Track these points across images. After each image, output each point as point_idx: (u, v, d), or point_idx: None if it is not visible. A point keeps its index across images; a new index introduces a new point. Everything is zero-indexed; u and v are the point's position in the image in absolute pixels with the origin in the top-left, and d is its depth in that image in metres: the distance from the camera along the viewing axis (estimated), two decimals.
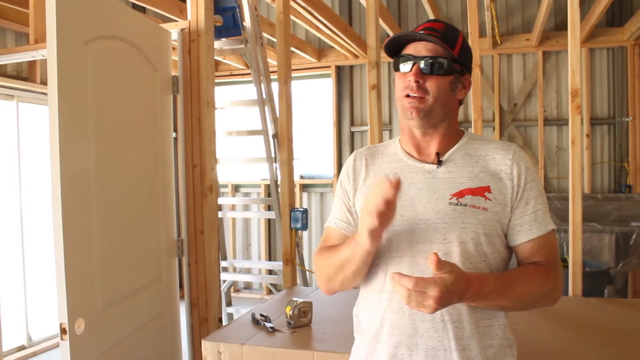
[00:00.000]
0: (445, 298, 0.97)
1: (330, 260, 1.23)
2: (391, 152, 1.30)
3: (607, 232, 4.00)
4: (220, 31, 3.38)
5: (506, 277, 1.15)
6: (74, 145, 1.86)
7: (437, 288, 0.96)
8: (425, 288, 0.96)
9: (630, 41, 4.78)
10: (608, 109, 5.10)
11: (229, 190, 6.18)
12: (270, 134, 3.43)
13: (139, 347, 2.26)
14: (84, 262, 1.88)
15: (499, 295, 1.10)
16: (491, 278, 1.11)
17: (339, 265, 1.20)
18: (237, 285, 6.23)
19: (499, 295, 1.10)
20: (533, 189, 1.19)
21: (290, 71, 2.99)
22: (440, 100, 1.18)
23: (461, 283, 1.00)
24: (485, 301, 1.09)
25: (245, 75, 5.92)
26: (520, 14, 5.28)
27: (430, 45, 1.18)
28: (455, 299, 1.01)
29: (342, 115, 5.84)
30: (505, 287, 1.11)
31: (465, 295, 1.02)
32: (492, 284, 1.09)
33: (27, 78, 4.23)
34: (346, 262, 1.18)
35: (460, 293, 1.01)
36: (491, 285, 1.08)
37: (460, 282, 0.99)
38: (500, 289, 1.10)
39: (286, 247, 2.95)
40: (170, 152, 2.61)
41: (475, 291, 1.04)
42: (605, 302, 2.47)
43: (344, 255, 1.17)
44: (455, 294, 0.99)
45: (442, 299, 0.97)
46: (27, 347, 4.20)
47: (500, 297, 1.10)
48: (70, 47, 1.83)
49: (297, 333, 1.92)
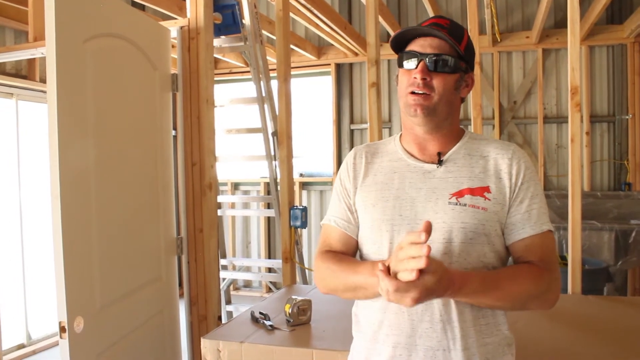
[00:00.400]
0: (424, 298, 0.97)
1: (342, 275, 1.21)
2: (391, 150, 1.29)
3: (607, 230, 4.00)
4: (220, 29, 3.38)
5: (493, 277, 1.13)
6: (73, 144, 1.85)
7: (417, 290, 0.95)
8: (406, 291, 0.96)
9: (630, 39, 4.77)
10: (608, 107, 5.09)
11: (229, 188, 6.18)
12: (269, 131, 3.43)
13: (138, 346, 2.26)
14: (83, 260, 1.87)
15: (483, 295, 1.09)
16: (476, 278, 1.09)
17: (352, 287, 1.19)
18: (236, 284, 6.24)
19: (482, 295, 1.09)
20: (530, 188, 1.18)
21: (289, 69, 2.99)
22: (445, 98, 1.17)
23: (442, 283, 0.99)
24: (467, 299, 1.09)
25: (245, 73, 5.92)
26: (520, 12, 5.28)
27: (436, 42, 1.17)
28: (434, 296, 1.01)
29: (342, 113, 5.83)
30: (490, 287, 1.10)
31: (444, 293, 1.02)
32: (475, 285, 1.07)
33: (27, 76, 4.22)
34: (360, 288, 1.17)
35: (440, 292, 1.00)
36: (474, 285, 1.07)
37: (442, 282, 0.98)
38: (483, 289, 1.09)
39: (285, 245, 2.95)
40: (170, 150, 2.60)
41: (457, 289, 1.04)
42: (604, 300, 2.47)
43: (360, 282, 1.16)
44: (435, 292, 0.99)
45: (421, 299, 0.97)
46: (27, 346, 4.20)
47: (484, 296, 1.10)
48: (69, 45, 1.83)
49: (296, 331, 1.93)
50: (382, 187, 1.23)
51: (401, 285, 0.95)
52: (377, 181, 1.25)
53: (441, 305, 1.12)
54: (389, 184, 1.23)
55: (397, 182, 1.22)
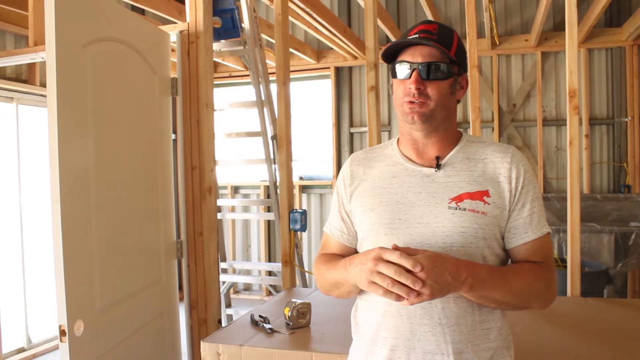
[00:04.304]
0: (436, 287, 0.98)
1: (327, 274, 1.26)
2: (389, 155, 1.30)
3: (606, 232, 4.01)
4: (219, 33, 3.39)
5: (500, 270, 1.15)
6: (73, 148, 1.86)
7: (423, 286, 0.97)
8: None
9: (629, 41, 4.78)
10: (607, 109, 5.10)
11: (229, 191, 6.19)
12: (269, 135, 3.43)
13: (138, 349, 2.26)
14: (83, 263, 1.88)
15: (491, 288, 1.09)
16: (483, 268, 1.10)
17: (334, 284, 1.24)
18: (236, 287, 6.24)
19: (490, 287, 1.09)
20: (530, 192, 1.19)
21: (288, 72, 3.00)
22: (441, 104, 1.18)
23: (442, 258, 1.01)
24: (476, 293, 1.08)
25: (244, 77, 5.94)
26: (519, 15, 5.29)
27: (426, 49, 1.17)
28: (448, 275, 1.00)
29: (342, 117, 5.84)
30: (498, 278, 1.11)
31: (456, 279, 1.02)
32: (484, 274, 1.08)
33: (27, 80, 4.23)
34: (339, 284, 1.22)
35: (449, 277, 1.01)
36: (482, 274, 1.08)
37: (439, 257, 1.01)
38: (492, 279, 1.09)
39: (285, 249, 2.95)
40: (170, 154, 2.61)
41: (468, 275, 1.04)
42: (604, 303, 2.47)
43: (337, 277, 1.21)
44: (444, 278, 0.99)
45: (433, 290, 0.98)
46: (27, 349, 4.20)
47: (492, 289, 1.09)
48: (69, 49, 1.84)
49: (296, 334, 1.93)
50: (381, 192, 1.23)
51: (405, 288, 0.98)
52: (375, 186, 1.25)
53: (440, 309, 1.12)
54: (387, 188, 1.23)
55: (396, 187, 1.22)
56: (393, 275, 0.98)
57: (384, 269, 0.99)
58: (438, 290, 0.99)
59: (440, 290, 1.00)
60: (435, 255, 1.01)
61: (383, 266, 0.99)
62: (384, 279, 0.99)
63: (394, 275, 0.98)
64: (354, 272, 1.08)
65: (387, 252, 1.00)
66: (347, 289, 1.20)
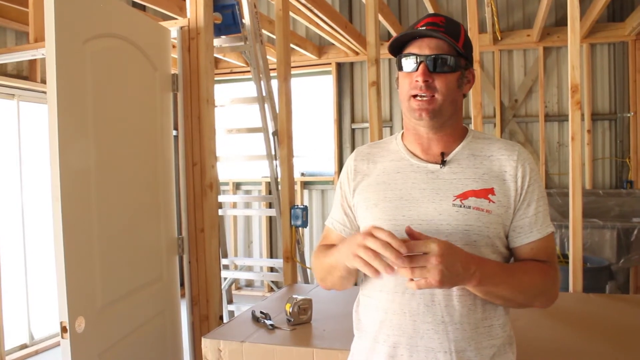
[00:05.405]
0: (444, 274, 0.97)
1: (323, 261, 1.24)
2: (393, 150, 1.28)
3: (609, 228, 4.00)
4: (220, 29, 3.38)
5: (507, 266, 1.15)
6: (74, 144, 1.86)
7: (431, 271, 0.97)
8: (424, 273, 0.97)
9: (632, 36, 4.76)
10: (609, 105, 5.09)
11: (230, 187, 6.19)
12: (270, 131, 3.43)
13: (139, 345, 2.26)
14: (84, 260, 1.88)
15: (499, 283, 1.09)
16: (491, 262, 1.11)
17: (328, 269, 1.22)
18: (238, 283, 6.25)
19: (498, 282, 1.08)
20: (535, 191, 1.18)
21: (289, 68, 2.98)
22: (449, 98, 1.16)
23: (455, 247, 1.01)
24: (485, 288, 1.07)
25: (245, 73, 5.92)
26: (521, 10, 5.27)
27: (434, 42, 1.15)
28: (459, 265, 1.00)
29: (343, 112, 5.83)
30: (505, 273, 1.11)
31: (469, 266, 1.02)
32: (492, 268, 1.08)
33: (28, 77, 4.23)
34: (332, 269, 1.20)
35: (463, 260, 1.01)
36: (490, 268, 1.08)
37: (453, 246, 1.01)
38: (500, 274, 1.09)
39: (286, 245, 2.95)
40: (171, 150, 2.61)
41: (477, 267, 1.03)
42: (606, 298, 2.46)
43: (331, 261, 1.19)
44: (454, 265, 0.99)
45: (442, 276, 0.97)
46: (29, 346, 4.22)
47: (499, 284, 1.09)
48: (69, 45, 1.83)
49: (297, 330, 1.93)
50: (385, 187, 1.22)
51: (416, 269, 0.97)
52: (379, 181, 1.24)
53: (444, 307, 1.12)
54: (391, 184, 1.22)
55: (400, 182, 1.21)
56: (378, 248, 0.97)
57: (371, 242, 0.98)
58: (448, 279, 0.98)
59: (450, 280, 0.99)
60: (449, 244, 1.01)
61: (371, 240, 0.99)
62: (367, 252, 0.99)
63: (379, 248, 0.97)
64: (343, 249, 1.09)
65: (378, 229, 1.00)
66: (339, 272, 1.18)
